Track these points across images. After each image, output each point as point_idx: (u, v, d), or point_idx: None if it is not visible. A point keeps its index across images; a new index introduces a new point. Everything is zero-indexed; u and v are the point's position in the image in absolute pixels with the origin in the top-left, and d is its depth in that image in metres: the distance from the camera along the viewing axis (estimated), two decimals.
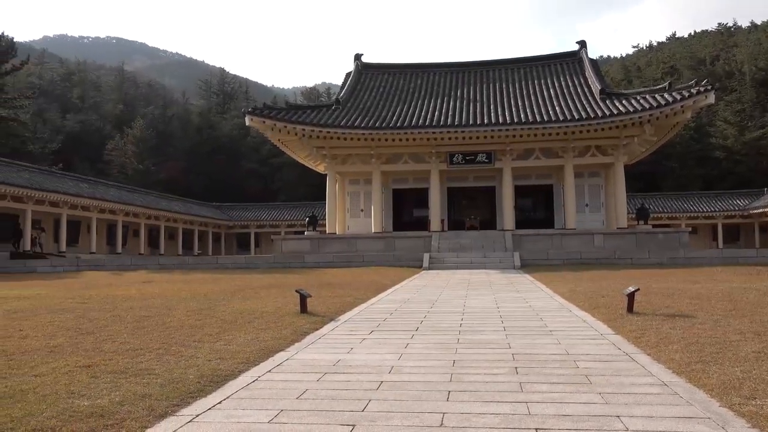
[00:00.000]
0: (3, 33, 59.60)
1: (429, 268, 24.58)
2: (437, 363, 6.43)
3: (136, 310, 11.12)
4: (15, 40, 62.06)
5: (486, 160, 31.97)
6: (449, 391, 5.21)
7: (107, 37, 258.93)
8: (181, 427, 4.34)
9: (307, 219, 33.49)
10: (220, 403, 4.95)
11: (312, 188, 59.96)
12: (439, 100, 33.88)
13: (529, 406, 4.74)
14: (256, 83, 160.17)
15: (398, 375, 5.90)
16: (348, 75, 37.98)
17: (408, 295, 13.95)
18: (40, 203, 36.56)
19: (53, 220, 39.55)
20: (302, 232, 34.01)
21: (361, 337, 8.20)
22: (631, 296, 10.06)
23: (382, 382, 5.59)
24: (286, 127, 30.57)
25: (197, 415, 4.61)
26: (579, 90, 33.20)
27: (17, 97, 59.96)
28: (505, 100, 33.14)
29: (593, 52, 41.10)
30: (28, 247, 35.56)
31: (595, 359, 6.51)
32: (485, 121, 30.29)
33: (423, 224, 33.37)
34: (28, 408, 4.79)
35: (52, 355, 7.11)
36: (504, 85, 35.07)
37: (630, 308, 9.94)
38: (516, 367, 6.16)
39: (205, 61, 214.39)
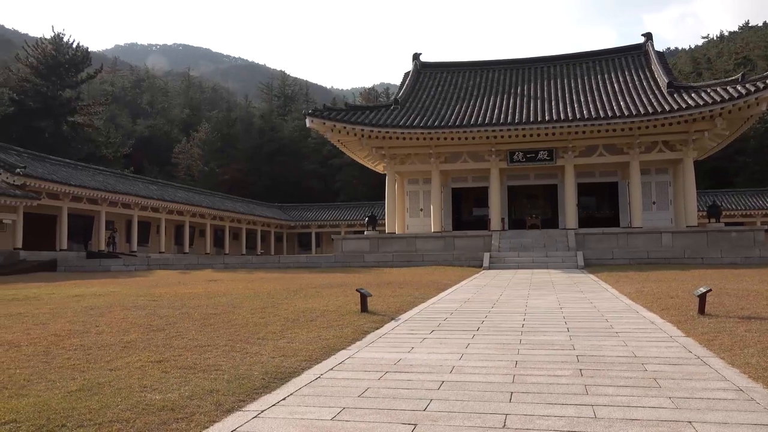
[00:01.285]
0: (79, 44, 62.68)
1: (489, 268, 24.32)
2: (499, 363, 6.36)
3: (203, 308, 11.47)
4: (89, 50, 65.20)
5: (547, 158, 31.37)
6: (512, 392, 5.14)
7: (174, 44, 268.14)
8: (247, 422, 4.45)
9: (367, 219, 33.72)
10: (284, 399, 5.05)
11: (371, 188, 60.38)
12: (498, 98, 33.47)
13: (595, 409, 4.63)
14: (315, 85, 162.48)
15: (459, 375, 5.86)
16: (406, 75, 38.03)
17: (468, 295, 13.85)
18: (113, 205, 38.23)
19: (125, 222, 41.29)
20: (362, 232, 34.29)
21: (422, 336, 8.20)
22: (702, 297, 9.65)
23: (443, 381, 5.57)
24: (345, 128, 30.88)
25: (262, 411, 4.71)
26: (645, 84, 32.14)
27: (92, 104, 62.98)
28: (566, 96, 32.43)
29: (659, 44, 39.67)
30: (103, 246, 37.23)
31: (664, 362, 6.29)
32: (546, 117, 29.72)
33: (483, 223, 33.07)
34: (105, 400, 5.02)
35: (126, 350, 7.43)
36: (565, 81, 34.33)
37: (701, 310, 9.54)
38: (580, 369, 6.02)
39: (267, 65, 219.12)
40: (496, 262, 25.57)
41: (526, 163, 32.01)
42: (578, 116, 29.31)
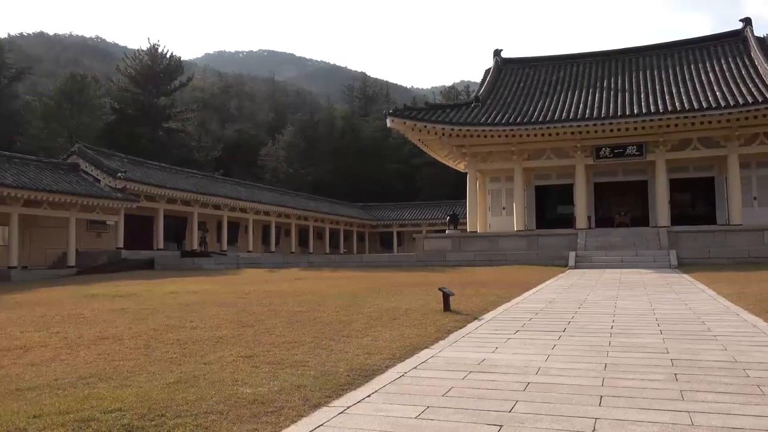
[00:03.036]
0: (172, 54, 66.16)
1: (575, 267, 23.62)
2: (587, 366, 6.18)
3: (289, 306, 11.81)
4: (182, 59, 68.60)
5: (637, 153, 30.12)
6: (601, 396, 4.98)
7: (260, 50, 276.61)
8: (333, 417, 4.55)
9: (448, 217, 33.59)
10: (369, 396, 5.12)
11: (452, 187, 60.06)
12: (583, 92, 32.45)
13: (691, 415, 4.41)
14: (396, 85, 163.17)
15: (546, 376, 5.74)
16: (487, 71, 37.57)
17: (554, 295, 13.52)
18: (205, 206, 39.98)
19: (216, 222, 43.09)
20: (443, 231, 34.17)
21: (506, 336, 8.09)
22: None
23: (528, 383, 5.48)
24: (426, 127, 30.86)
25: (348, 407, 4.80)
26: (743, 72, 30.24)
27: (184, 111, 66.29)
28: (657, 88, 31.00)
29: (761, 30, 37.12)
30: (195, 246, 39.03)
31: None
32: (635, 111, 28.53)
33: (568, 221, 32.17)
34: (200, 393, 5.27)
35: (218, 345, 7.77)
36: (656, 72, 32.82)
37: None
38: (675, 374, 5.74)
39: (348, 67, 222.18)
40: (582, 261, 24.80)
41: (613, 159, 30.86)
42: (670, 109, 27.95)
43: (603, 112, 29.27)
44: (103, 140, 51.83)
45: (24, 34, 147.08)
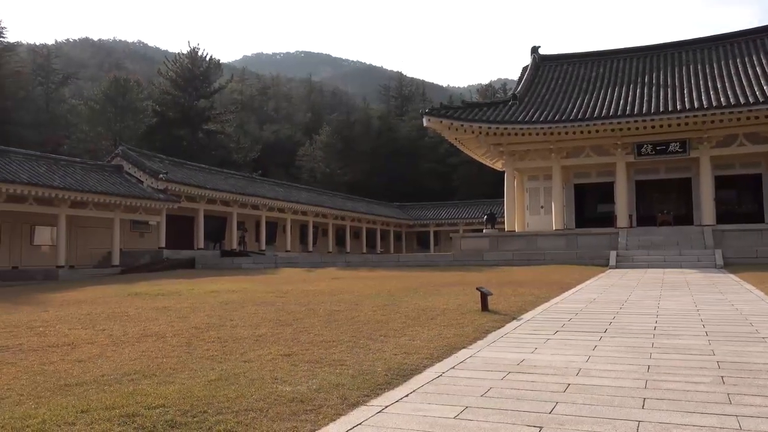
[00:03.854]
0: (211, 56, 67.28)
1: (616, 267, 23.18)
2: (629, 367, 6.05)
3: (327, 305, 11.89)
4: (221, 61, 69.72)
5: (680, 150, 29.39)
6: (644, 398, 4.88)
7: (296, 51, 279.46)
8: (371, 416, 4.56)
9: (486, 217, 33.36)
10: (406, 396, 5.12)
11: (489, 186, 59.63)
12: (624, 88, 31.81)
13: (739, 420, 4.28)
14: (432, 84, 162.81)
15: (586, 378, 5.65)
16: (525, 69, 37.17)
17: (594, 295, 13.29)
18: (244, 207, 40.57)
19: (254, 222, 43.68)
20: (480, 230, 33.94)
21: (545, 337, 7.99)
22: None
23: (569, 384, 5.40)
24: (462, 125, 30.69)
25: (386, 407, 4.80)
26: None
27: (223, 113, 67.35)
28: (701, 82, 30.19)
29: None
30: (234, 245, 39.63)
31: None
32: (678, 107, 27.83)
33: (608, 220, 31.58)
34: (240, 390, 5.35)
35: (258, 343, 7.87)
36: (699, 67, 31.96)
37: None
38: (722, 376, 5.59)
39: (384, 67, 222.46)
40: (623, 260, 24.32)
41: (655, 156, 30.18)
42: (714, 104, 27.18)
43: (644, 108, 28.64)
44: (146, 142, 53.06)
45: (70, 40, 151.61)
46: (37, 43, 73.29)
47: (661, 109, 28.07)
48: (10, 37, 68.05)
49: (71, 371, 6.54)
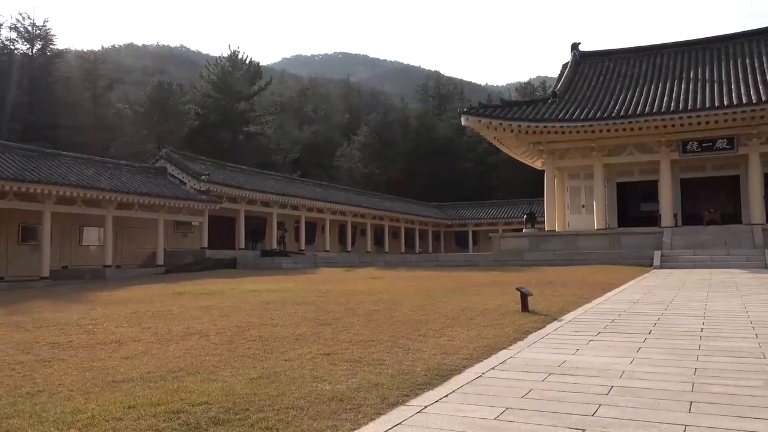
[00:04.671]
0: (251, 59, 68.28)
1: (660, 267, 22.63)
2: (675, 370, 5.91)
3: (366, 304, 11.94)
4: (260, 64, 70.67)
5: (727, 147, 28.54)
6: (691, 402, 4.76)
7: (334, 52, 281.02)
8: (411, 416, 4.56)
9: (525, 216, 32.99)
10: (446, 396, 5.11)
11: (529, 185, 58.94)
12: (668, 84, 31.05)
13: None
14: (469, 83, 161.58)
15: (630, 380, 5.54)
16: (564, 66, 36.64)
17: (637, 296, 13.01)
18: (283, 207, 41.03)
19: (294, 222, 44.14)
20: (520, 230, 33.58)
21: (587, 338, 7.86)
22: None
23: (612, 386, 5.30)
24: (501, 124, 30.43)
25: (425, 407, 4.80)
26: None
27: (263, 114, 68.25)
28: (749, 76, 29.26)
29: None
30: (274, 246, 40.12)
31: None
32: (725, 102, 27.02)
33: (652, 219, 30.88)
34: (281, 388, 5.42)
35: (298, 342, 7.96)
36: (747, 61, 30.98)
37: None
38: None
39: (421, 66, 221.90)
40: (668, 261, 23.73)
41: (701, 154, 29.37)
42: (764, 99, 26.30)
43: (690, 104, 27.91)
44: (188, 145, 54.11)
45: (116, 46, 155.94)
46: (85, 50, 75.51)
47: (708, 105, 27.31)
48: (60, 44, 70.22)
49: (118, 368, 6.73)
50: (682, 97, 28.91)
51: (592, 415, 4.46)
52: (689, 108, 27.48)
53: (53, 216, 27.09)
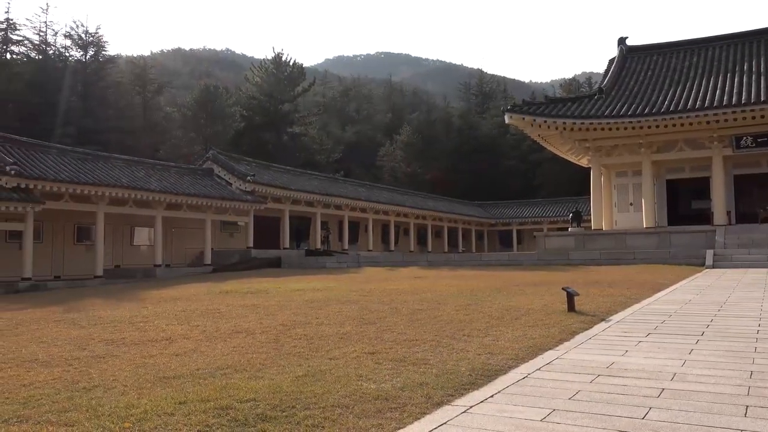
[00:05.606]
0: (295, 61, 69.04)
1: (713, 267, 21.91)
2: (729, 373, 5.72)
3: (409, 304, 11.94)
4: (304, 65, 71.42)
5: None
6: (747, 406, 4.60)
7: (376, 52, 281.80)
8: (456, 416, 4.55)
9: (571, 215, 32.43)
10: (491, 396, 5.07)
11: (574, 183, 57.93)
12: (720, 78, 30.05)
13: None
14: (513, 80, 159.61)
15: (682, 383, 5.39)
16: (611, 61, 35.85)
17: (689, 296, 12.64)
18: (327, 207, 41.39)
19: (337, 222, 44.46)
20: (565, 229, 33.02)
21: (637, 339, 7.68)
22: None
23: (663, 389, 5.17)
24: (545, 121, 30.00)
25: (470, 407, 4.78)
26: None
27: (307, 115, 68.95)
28: None
29: None
30: (318, 245, 40.50)
31: None
32: None
33: (703, 217, 29.96)
34: (326, 387, 5.48)
35: (342, 341, 8.02)
36: None
37: None
38: None
39: (464, 64, 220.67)
40: (720, 260, 22.96)
41: (756, 149, 28.32)
42: None
43: (743, 98, 26.95)
44: (234, 146, 55.10)
45: (164, 50, 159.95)
46: (135, 55, 77.82)
47: (763, 98, 26.32)
48: (111, 51, 72.36)
49: (169, 364, 6.92)
50: (735, 91, 27.94)
51: (642, 419, 4.36)
52: (743, 102, 26.54)
53: (106, 216, 27.98)
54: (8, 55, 54.36)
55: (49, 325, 10.89)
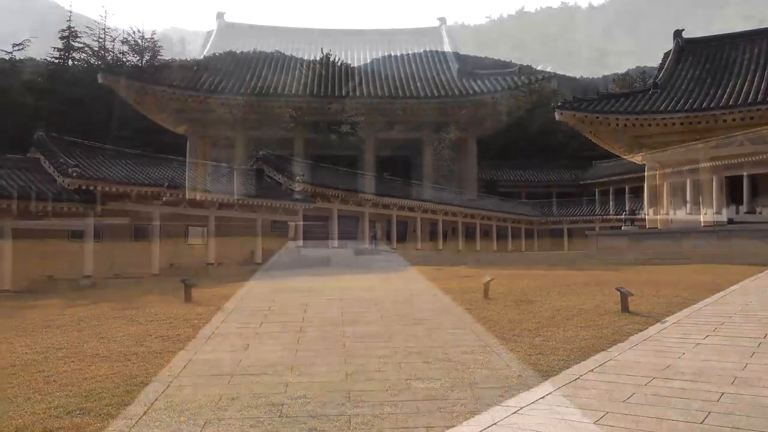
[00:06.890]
0: (342, 61, 69.42)
1: None
2: None
3: (457, 303, 11.86)
4: (351, 65, 71.77)
5: None
6: None
7: (423, 51, 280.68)
8: (507, 417, 4.51)
9: (625, 213, 31.62)
10: (542, 398, 5.00)
11: (628, 180, 56.39)
12: None
13: None
14: (563, 76, 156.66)
15: (743, 387, 5.19)
16: (666, 55, 34.77)
17: (750, 298, 12.15)
18: (375, 206, 41.57)
19: (385, 221, 44.59)
20: (618, 227, 32.20)
21: (694, 341, 7.43)
22: None
23: (722, 393, 4.99)
24: (597, 118, 29.35)
25: (521, 408, 4.72)
26: None
27: (354, 115, 69.25)
28: None
29: None
30: (367, 244, 40.70)
31: None
32: None
33: (765, 215, 28.70)
34: (375, 384, 5.50)
35: (390, 340, 8.06)
36: None
37: None
38: None
39: (512, 60, 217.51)
40: None
41: None
42: None
43: None
44: (283, 146, 55.85)
45: (216, 54, 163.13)
46: (188, 59, 79.70)
47: None
48: (166, 55, 74.42)
49: (222, 361, 7.08)
50: None
51: (701, 423, 4.23)
52: None
53: (161, 216, 28.81)
54: (70, 62, 56.61)
55: (108, 321, 11.29)
